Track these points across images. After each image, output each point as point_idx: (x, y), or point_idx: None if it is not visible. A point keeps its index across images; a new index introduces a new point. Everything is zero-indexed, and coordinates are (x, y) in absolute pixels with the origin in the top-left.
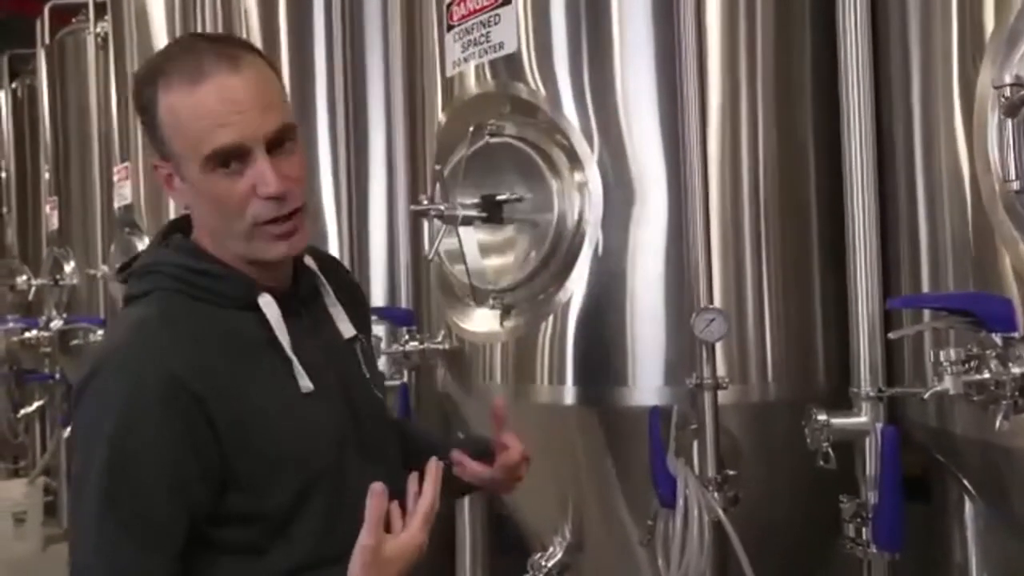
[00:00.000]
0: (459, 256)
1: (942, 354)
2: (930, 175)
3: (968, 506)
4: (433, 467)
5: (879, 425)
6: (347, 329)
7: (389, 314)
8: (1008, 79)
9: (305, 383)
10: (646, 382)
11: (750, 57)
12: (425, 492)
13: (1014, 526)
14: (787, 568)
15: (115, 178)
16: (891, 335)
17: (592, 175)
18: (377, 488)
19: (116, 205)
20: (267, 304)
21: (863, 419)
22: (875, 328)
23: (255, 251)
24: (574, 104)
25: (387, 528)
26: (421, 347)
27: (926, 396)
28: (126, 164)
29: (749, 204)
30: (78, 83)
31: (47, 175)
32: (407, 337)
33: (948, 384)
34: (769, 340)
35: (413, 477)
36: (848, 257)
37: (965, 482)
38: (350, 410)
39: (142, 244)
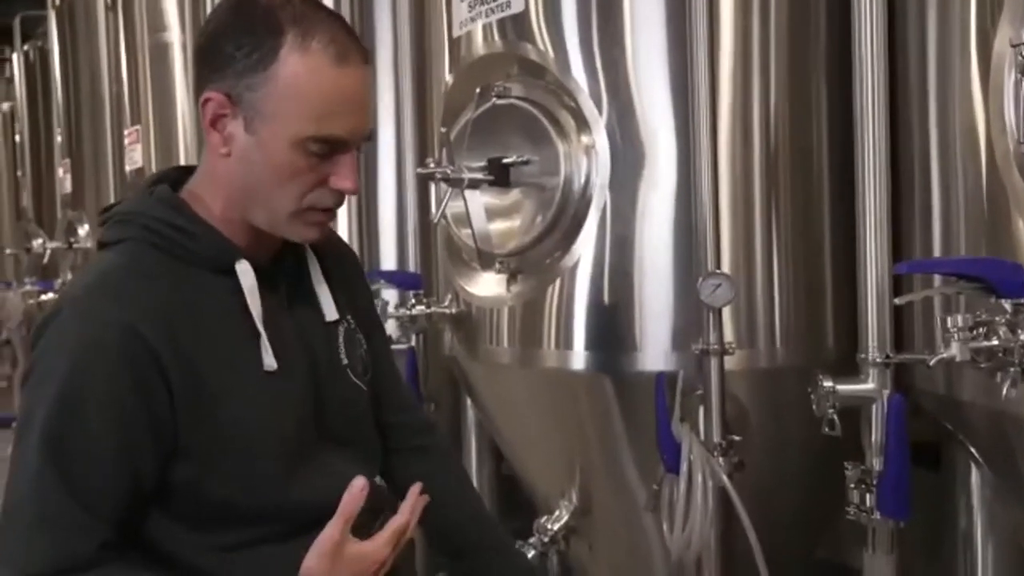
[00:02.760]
0: (465, 220)
1: (949, 320)
2: (944, 137)
3: (974, 474)
4: (415, 492)
5: (886, 392)
6: (330, 311)
7: (397, 278)
8: None
9: (269, 360)
10: (653, 347)
11: (762, 16)
12: (401, 511)
13: (1021, 494)
14: (791, 534)
15: (126, 141)
16: (898, 300)
17: (600, 137)
18: (357, 484)
19: (127, 169)
20: (244, 272)
21: (870, 386)
22: (883, 293)
23: (287, 229)
24: (582, 65)
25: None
26: (428, 311)
27: (932, 362)
28: (137, 128)
29: (759, 168)
30: (89, 45)
31: (59, 138)
32: (414, 301)
33: (955, 350)
34: (777, 305)
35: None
36: (857, 221)
37: (972, 450)
38: (315, 393)
39: None
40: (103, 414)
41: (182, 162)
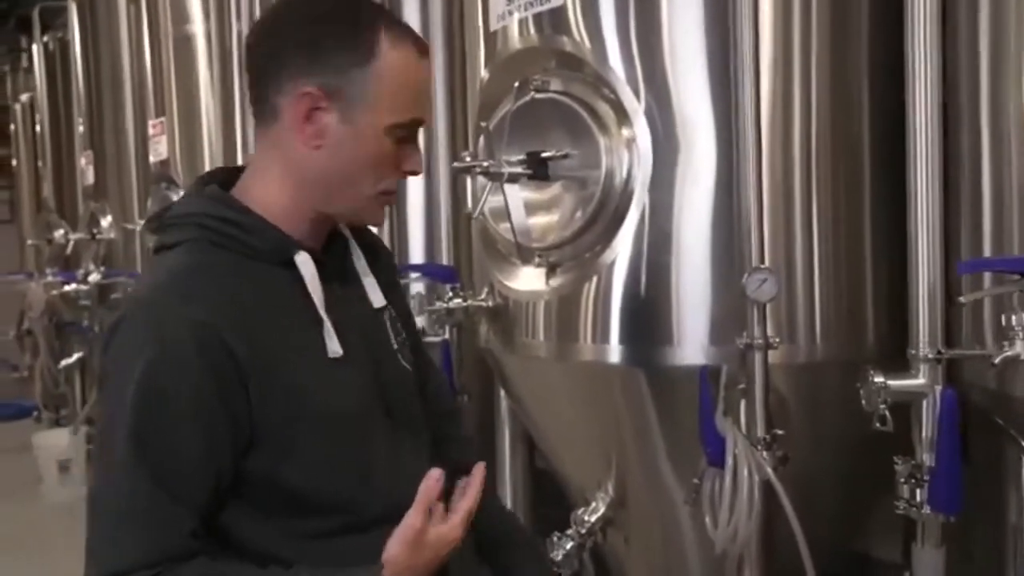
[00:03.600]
0: (503, 214)
1: (1014, 319)
2: (997, 131)
3: None
4: (480, 471)
5: (938, 387)
6: (377, 298)
7: (431, 271)
8: None
9: (334, 346)
10: (691, 341)
11: (804, 5)
12: (469, 492)
13: None
14: (827, 527)
15: (150, 132)
16: (963, 299)
17: (641, 131)
18: (434, 474)
19: (152, 160)
20: (304, 262)
21: (921, 381)
22: (936, 290)
23: (363, 213)
24: (621, 58)
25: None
26: (465, 304)
27: (997, 360)
28: (161, 120)
29: (799, 161)
30: (110, 35)
31: (81, 128)
32: (451, 294)
33: (1019, 349)
34: (817, 300)
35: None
36: (909, 218)
37: (1022, 442)
38: (377, 377)
39: (177, 198)
40: (186, 409)
41: (206, 153)
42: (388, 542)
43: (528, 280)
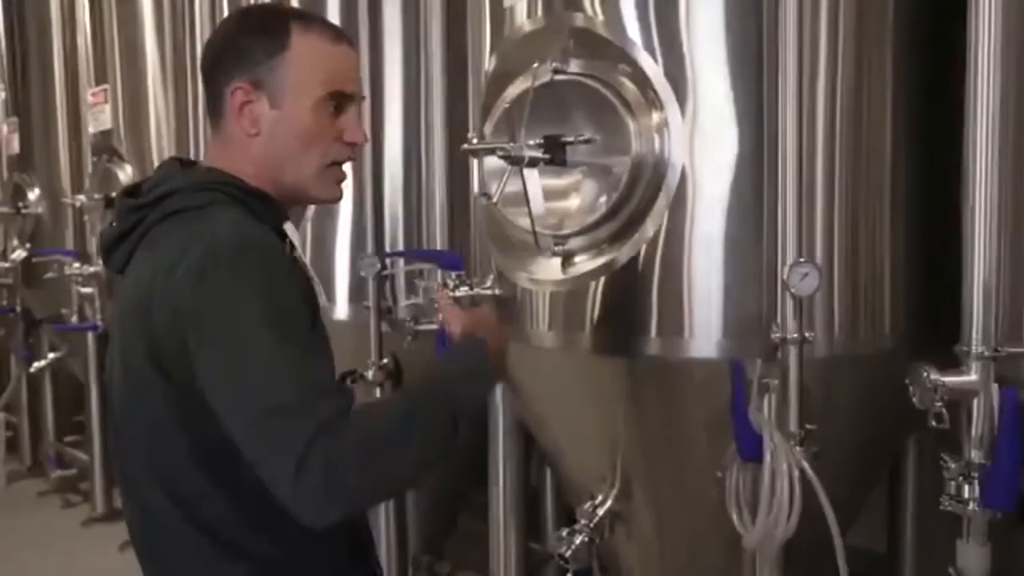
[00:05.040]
0: (515, 199)
1: None
2: None
3: None
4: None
5: (994, 385)
6: (302, 259)
7: (437, 257)
8: None
9: (325, 301)
10: (706, 334)
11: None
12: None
13: None
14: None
15: (90, 101)
16: None
17: (673, 116)
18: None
19: (92, 130)
20: (291, 230)
21: (973, 378)
22: (991, 287)
23: (316, 189)
24: (648, 42)
25: None
26: (472, 292)
27: None
28: (104, 87)
29: (822, 153)
30: None
31: (3, 94)
32: (457, 281)
33: None
34: (837, 294)
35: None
36: (965, 217)
37: None
38: None
39: (123, 172)
40: (297, 293)
41: (152, 124)
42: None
43: (542, 268)
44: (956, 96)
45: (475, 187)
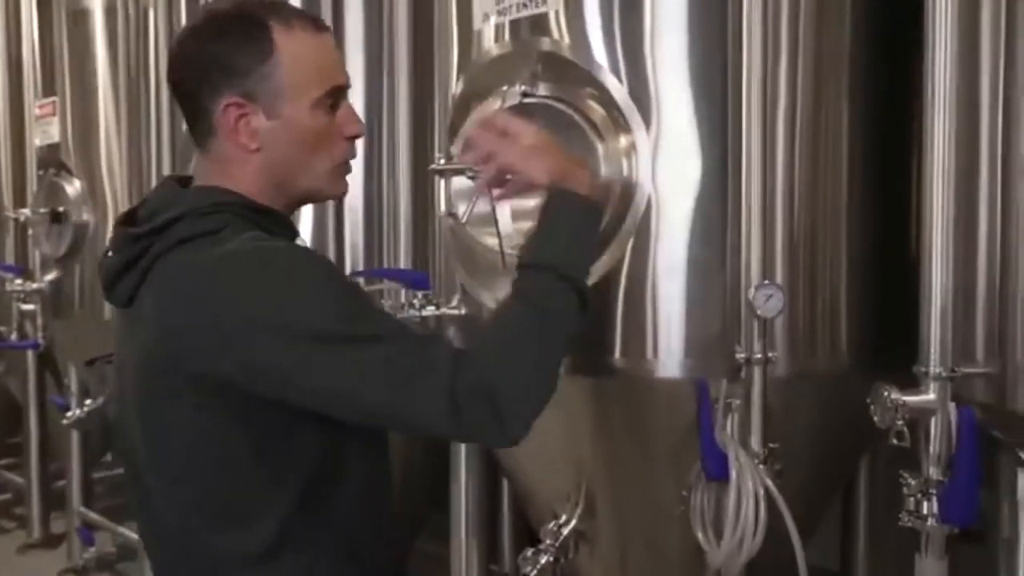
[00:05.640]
0: (482, 219)
1: None
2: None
3: (1021, 480)
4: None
5: (951, 404)
6: None
7: (403, 276)
8: None
9: None
10: (671, 354)
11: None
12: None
13: None
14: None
15: (37, 113)
16: None
17: (641, 139)
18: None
19: (38, 143)
20: (303, 245)
21: (932, 397)
22: (947, 308)
23: (329, 189)
24: (615, 66)
25: None
26: (438, 312)
27: None
28: (52, 100)
29: (782, 173)
30: None
31: None
32: (423, 301)
33: None
34: (801, 315)
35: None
36: (923, 236)
37: (1022, 457)
38: None
39: (71, 186)
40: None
41: (102, 138)
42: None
43: (507, 289)
44: (912, 123)
45: (441, 207)
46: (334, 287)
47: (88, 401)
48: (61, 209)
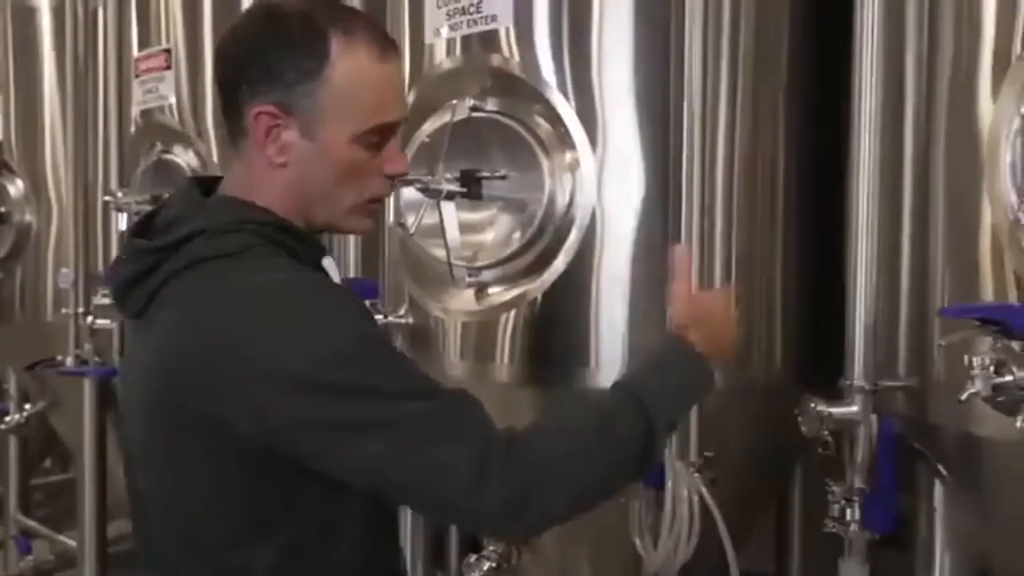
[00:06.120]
0: (431, 231)
1: (975, 360)
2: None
3: (937, 488)
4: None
5: (873, 416)
6: None
7: (355, 286)
8: None
9: None
10: (611, 365)
11: (732, 40)
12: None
13: (981, 506)
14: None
15: None
16: (942, 343)
17: (584, 155)
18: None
19: None
20: (330, 266)
21: (855, 409)
22: (871, 327)
23: (348, 223)
24: (561, 82)
25: None
26: (385, 321)
27: (964, 397)
28: None
29: (722, 197)
30: None
31: None
32: (372, 310)
33: (979, 386)
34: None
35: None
36: (848, 254)
37: (939, 466)
38: None
39: (13, 186)
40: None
41: (47, 138)
42: (671, 314)
43: (455, 299)
44: (843, 151)
45: (390, 217)
46: (356, 334)
47: (27, 406)
48: (3, 210)
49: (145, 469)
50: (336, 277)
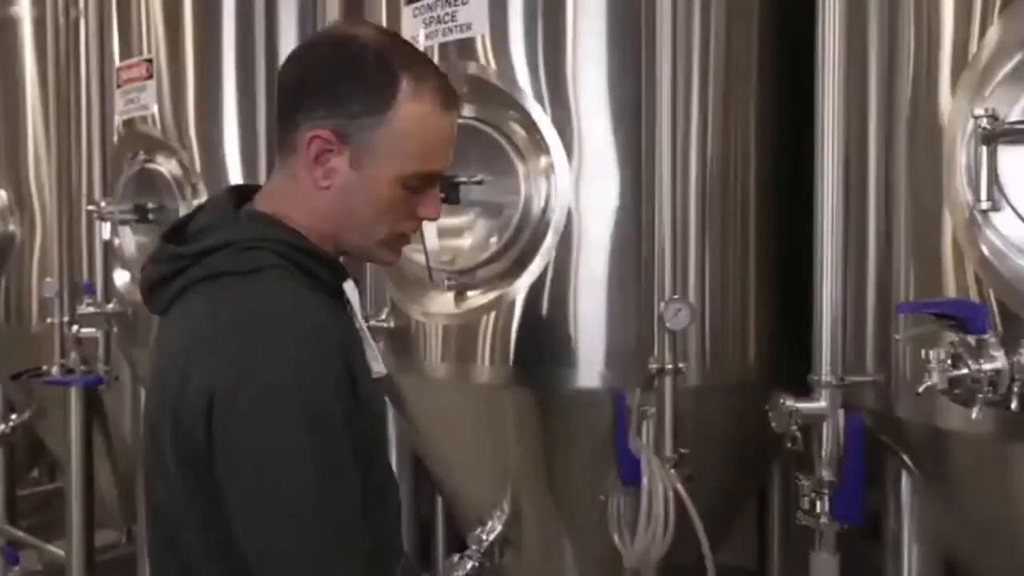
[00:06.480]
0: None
1: (932, 353)
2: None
3: (905, 480)
4: None
5: (840, 411)
6: (361, 324)
7: None
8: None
9: (380, 368)
10: (590, 365)
11: (702, 51)
12: None
13: (948, 499)
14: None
15: None
16: (899, 337)
17: (559, 160)
18: None
19: None
20: (351, 289)
21: (823, 404)
22: (837, 323)
23: (375, 253)
24: (536, 89)
25: None
26: (368, 325)
27: (921, 390)
28: None
29: (695, 200)
30: None
31: None
32: None
33: (936, 379)
34: (708, 328)
35: None
36: (815, 251)
37: (905, 459)
38: None
39: None
40: (341, 419)
41: (30, 148)
42: None
43: (435, 302)
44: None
45: None
46: (313, 409)
47: (13, 416)
48: None
49: (157, 460)
50: (355, 300)
